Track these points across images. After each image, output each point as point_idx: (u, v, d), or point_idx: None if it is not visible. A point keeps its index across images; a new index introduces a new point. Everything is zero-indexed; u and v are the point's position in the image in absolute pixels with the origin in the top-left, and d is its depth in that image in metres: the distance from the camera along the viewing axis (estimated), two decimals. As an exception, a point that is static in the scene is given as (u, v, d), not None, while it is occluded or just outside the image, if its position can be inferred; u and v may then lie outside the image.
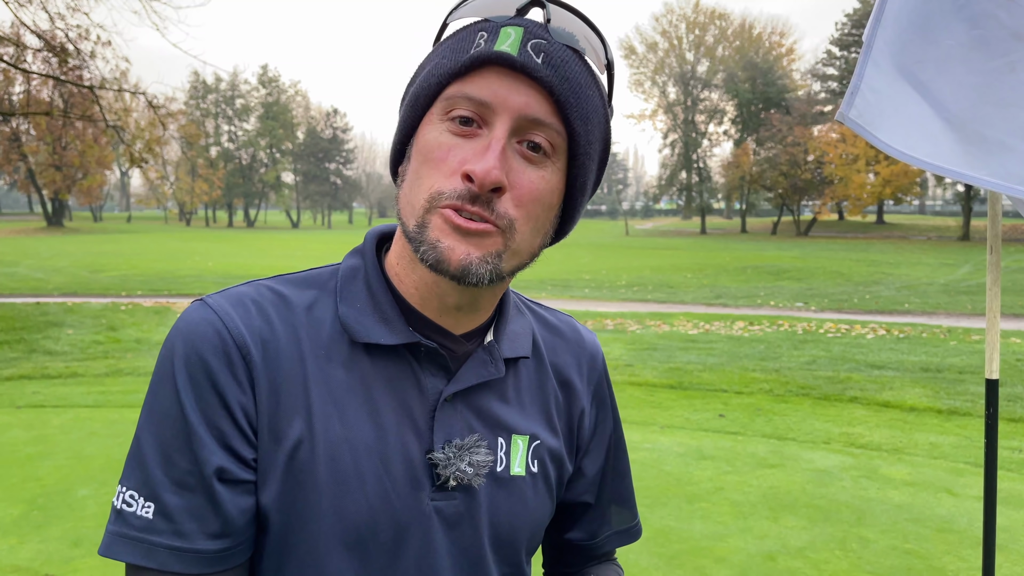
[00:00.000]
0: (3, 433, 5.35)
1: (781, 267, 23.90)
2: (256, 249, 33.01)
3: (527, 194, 0.74)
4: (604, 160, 0.82)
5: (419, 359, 0.81)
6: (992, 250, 2.32)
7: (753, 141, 54.25)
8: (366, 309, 0.80)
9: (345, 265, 0.84)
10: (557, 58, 0.73)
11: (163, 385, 0.75)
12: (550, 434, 0.89)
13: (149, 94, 13.95)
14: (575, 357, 0.95)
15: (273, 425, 0.76)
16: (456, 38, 0.76)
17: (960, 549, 3.60)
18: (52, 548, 3.48)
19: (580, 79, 0.74)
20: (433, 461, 0.79)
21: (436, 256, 0.72)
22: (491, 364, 0.84)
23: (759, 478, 4.57)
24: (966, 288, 17.74)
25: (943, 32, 2.10)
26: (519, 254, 0.77)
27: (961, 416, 6.17)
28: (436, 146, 0.73)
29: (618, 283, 19.87)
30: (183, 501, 0.73)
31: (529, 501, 0.86)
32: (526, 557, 0.90)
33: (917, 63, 2.10)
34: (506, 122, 0.72)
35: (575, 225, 0.84)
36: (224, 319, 0.76)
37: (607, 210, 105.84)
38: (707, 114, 62.17)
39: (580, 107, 0.74)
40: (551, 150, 0.74)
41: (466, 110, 0.73)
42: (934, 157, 2.02)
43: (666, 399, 6.76)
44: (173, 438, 0.74)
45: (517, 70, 0.72)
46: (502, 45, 0.72)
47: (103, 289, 16.70)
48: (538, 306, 0.98)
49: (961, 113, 2.08)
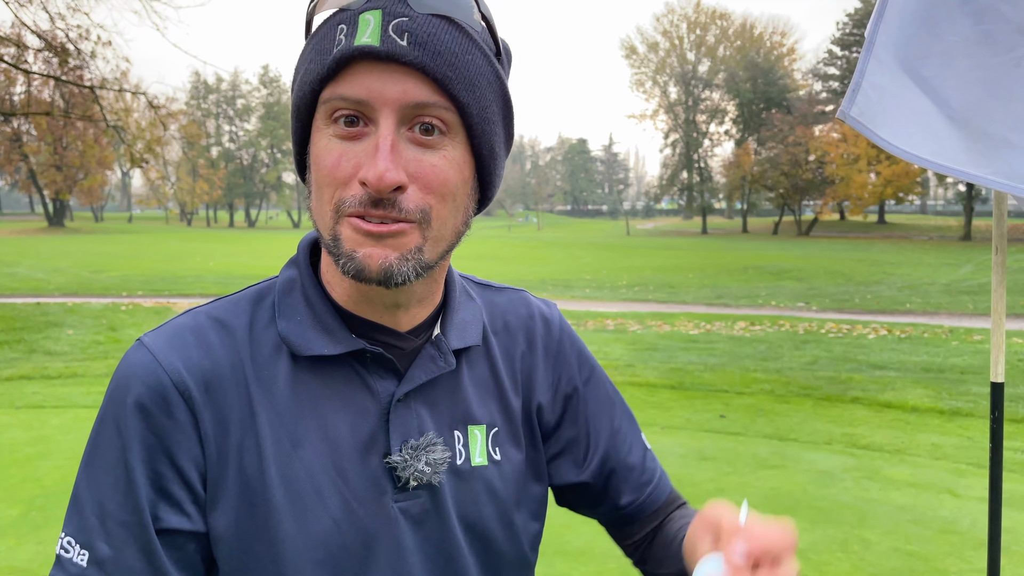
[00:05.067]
0: (2, 433, 5.33)
1: (782, 267, 23.87)
2: (257, 249, 33.02)
3: (433, 180, 0.71)
4: (508, 115, 0.77)
5: (365, 364, 0.79)
6: (997, 250, 2.28)
7: (754, 141, 54.27)
8: (306, 321, 0.78)
9: (282, 278, 0.83)
10: (424, 33, 0.68)
11: (102, 432, 0.75)
12: (508, 418, 0.88)
13: (150, 94, 13.98)
14: (527, 332, 0.93)
15: (222, 457, 0.75)
16: (318, 37, 0.72)
17: (962, 550, 3.58)
18: (50, 549, 3.46)
19: (454, 47, 0.70)
20: (391, 464, 0.78)
21: (355, 266, 0.70)
22: (440, 359, 0.82)
23: (760, 479, 4.56)
24: (968, 288, 17.70)
25: (947, 27, 2.07)
26: (442, 239, 0.74)
27: (963, 417, 6.14)
28: (327, 155, 0.71)
29: (619, 283, 19.85)
30: (114, 552, 0.71)
31: (498, 490, 0.85)
32: (512, 547, 0.87)
33: (920, 59, 2.07)
34: (389, 116, 0.69)
35: (497, 188, 0.81)
36: (161, 360, 0.75)
37: (608, 210, 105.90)
38: (708, 114, 62.18)
39: (462, 77, 0.70)
40: (445, 127, 0.71)
41: (347, 110, 0.70)
42: (937, 155, 1.99)
43: (667, 399, 6.74)
44: (111, 487, 0.72)
45: (384, 60, 0.68)
46: (362, 37, 0.68)
47: (104, 289, 16.70)
48: (488, 286, 0.96)
49: (965, 110, 2.05)
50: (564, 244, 40.06)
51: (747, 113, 57.73)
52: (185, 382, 0.74)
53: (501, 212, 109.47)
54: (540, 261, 27.27)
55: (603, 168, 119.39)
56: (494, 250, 33.32)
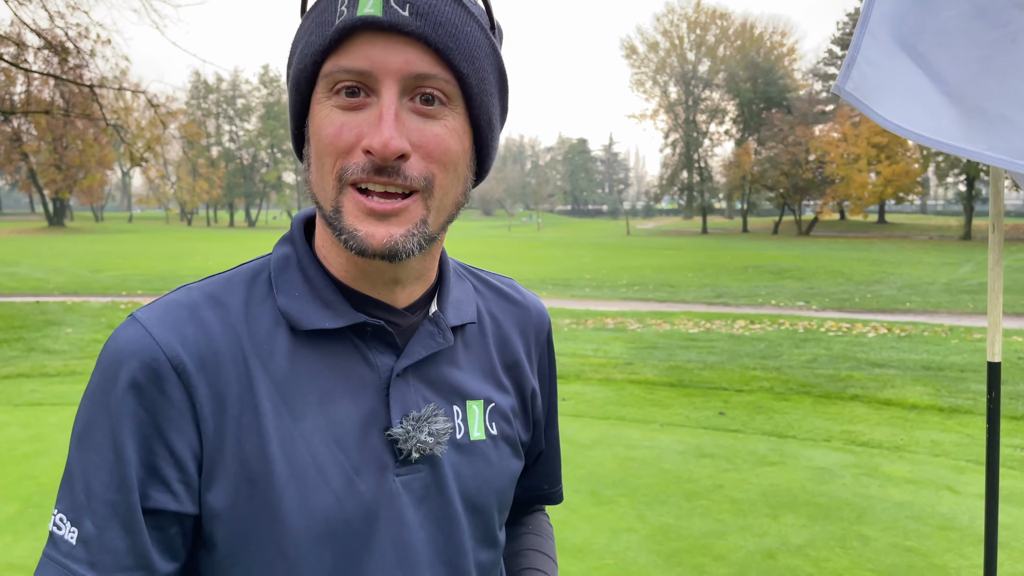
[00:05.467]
0: (0, 431, 5.33)
1: (782, 266, 23.87)
2: (257, 249, 32.99)
3: (435, 149, 0.72)
4: (504, 88, 0.79)
5: (365, 339, 0.79)
6: (994, 228, 2.26)
7: (754, 141, 54.25)
8: (305, 296, 0.78)
9: (276, 255, 0.82)
10: (424, 5, 0.69)
11: (92, 407, 0.73)
12: (502, 395, 0.90)
13: (149, 93, 13.93)
14: (520, 320, 0.95)
15: (220, 434, 0.73)
16: (319, 8, 0.72)
17: (961, 547, 3.57)
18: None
19: (454, 19, 0.71)
20: (393, 437, 0.78)
21: (357, 244, 0.71)
22: (439, 334, 0.83)
23: (759, 476, 4.55)
24: (968, 287, 17.70)
25: (942, 2, 2.05)
26: (444, 209, 0.75)
27: (962, 414, 6.14)
28: (328, 124, 0.71)
29: (619, 282, 19.85)
30: (98, 531, 0.70)
31: (493, 463, 0.87)
32: (499, 521, 0.89)
33: (916, 34, 2.05)
34: (392, 86, 0.69)
35: (493, 160, 0.82)
36: (156, 336, 0.73)
37: (608, 210, 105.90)
38: (708, 114, 62.17)
39: (462, 48, 0.71)
40: (446, 98, 0.72)
41: (349, 82, 0.70)
42: (934, 132, 1.98)
43: (666, 397, 6.73)
44: (99, 465, 0.71)
45: (387, 30, 0.69)
46: (365, 7, 0.68)
47: (103, 289, 16.70)
48: (478, 271, 0.98)
49: (961, 86, 2.03)
50: (564, 244, 40.06)
51: (747, 113, 57.71)
52: (180, 358, 0.73)
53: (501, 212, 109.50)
54: (540, 261, 27.27)
55: (603, 168, 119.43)
56: (494, 250, 33.33)
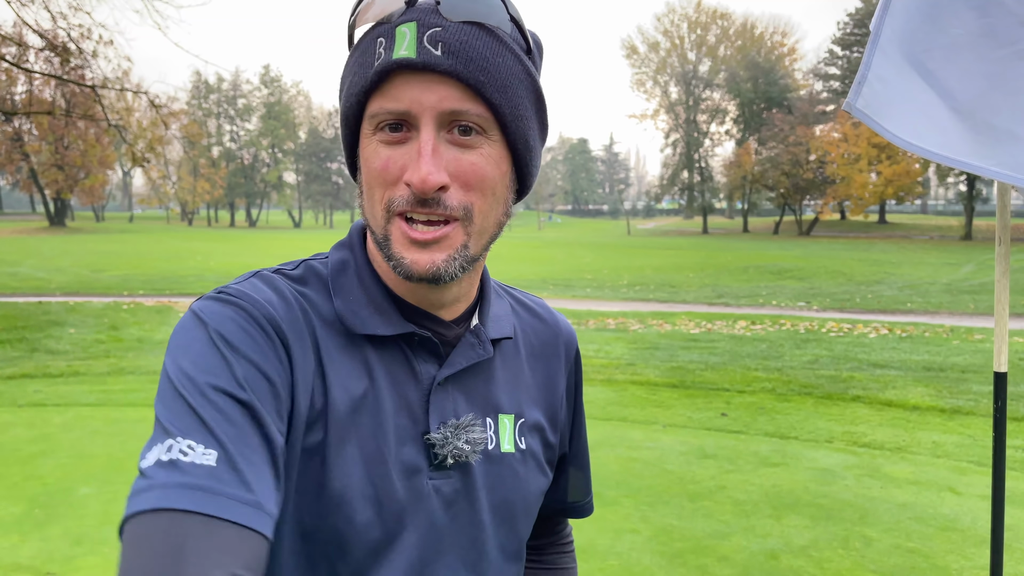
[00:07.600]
0: (5, 432, 5.35)
1: (783, 267, 23.87)
2: (258, 249, 33.01)
3: (473, 178, 0.76)
4: (541, 108, 0.82)
5: (412, 347, 0.84)
6: (1000, 241, 2.29)
7: (755, 141, 54.22)
8: (360, 301, 0.83)
9: (334, 259, 0.87)
10: (456, 42, 0.73)
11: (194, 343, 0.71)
12: (533, 411, 0.93)
13: (151, 93, 13.95)
14: (552, 341, 0.99)
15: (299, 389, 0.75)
16: (360, 50, 0.78)
17: (964, 548, 3.58)
18: (53, 546, 3.47)
19: (486, 52, 0.74)
20: (430, 441, 0.82)
21: (404, 270, 0.76)
22: (479, 347, 0.87)
23: (761, 477, 4.56)
24: (969, 287, 17.71)
25: (951, 20, 2.10)
26: (485, 231, 0.80)
27: (964, 415, 6.15)
28: (375, 158, 0.76)
29: (620, 283, 19.86)
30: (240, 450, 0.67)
31: (521, 477, 0.90)
32: (523, 535, 0.92)
33: (925, 52, 2.09)
34: (429, 122, 0.74)
35: (535, 176, 0.86)
36: (252, 295, 0.76)
37: (609, 210, 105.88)
38: (709, 114, 62.16)
39: (493, 81, 0.75)
40: (482, 128, 0.76)
41: (391, 120, 0.75)
42: (942, 147, 2.01)
43: (668, 398, 6.75)
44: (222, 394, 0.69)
45: (421, 70, 0.73)
46: (400, 49, 0.73)
47: (105, 288, 16.72)
48: (512, 290, 1.02)
49: (969, 102, 2.07)
50: (565, 244, 40.05)
51: (748, 113, 57.70)
52: (276, 316, 0.76)
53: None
54: (541, 261, 27.26)
55: (604, 168, 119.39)
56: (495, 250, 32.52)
